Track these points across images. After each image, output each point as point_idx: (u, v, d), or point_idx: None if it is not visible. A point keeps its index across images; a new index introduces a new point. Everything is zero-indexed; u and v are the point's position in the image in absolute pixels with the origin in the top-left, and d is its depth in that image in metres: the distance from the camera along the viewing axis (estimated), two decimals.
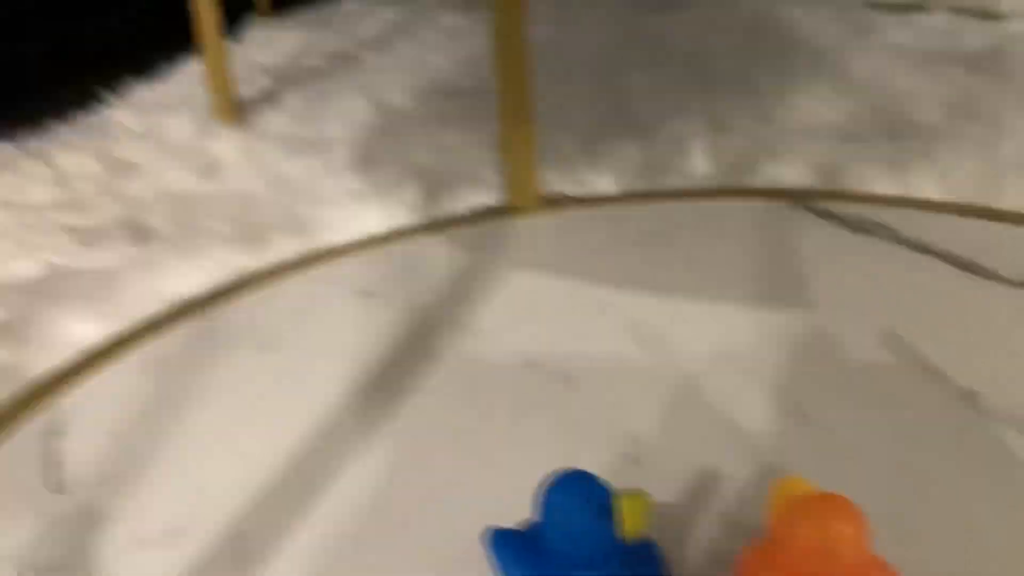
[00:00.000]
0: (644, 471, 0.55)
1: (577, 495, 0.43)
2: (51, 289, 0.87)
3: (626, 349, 0.67)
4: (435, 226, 0.90)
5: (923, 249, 0.75)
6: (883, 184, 0.88)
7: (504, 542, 0.46)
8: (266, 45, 1.54)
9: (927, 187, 0.86)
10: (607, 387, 0.63)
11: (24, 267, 0.93)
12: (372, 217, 0.95)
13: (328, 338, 0.73)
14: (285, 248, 0.92)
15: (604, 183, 0.99)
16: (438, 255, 0.84)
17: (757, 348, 0.66)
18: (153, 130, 1.27)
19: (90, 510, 0.57)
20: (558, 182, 0.99)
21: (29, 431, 0.65)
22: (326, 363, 0.69)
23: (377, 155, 1.09)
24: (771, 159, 0.96)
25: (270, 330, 0.74)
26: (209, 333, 0.75)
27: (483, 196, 0.97)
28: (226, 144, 1.18)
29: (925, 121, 1.02)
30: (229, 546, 0.53)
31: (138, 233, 0.99)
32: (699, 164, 0.99)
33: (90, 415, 0.66)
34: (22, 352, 0.77)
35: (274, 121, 1.25)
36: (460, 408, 0.63)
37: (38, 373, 0.74)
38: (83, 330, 0.80)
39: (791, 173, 0.94)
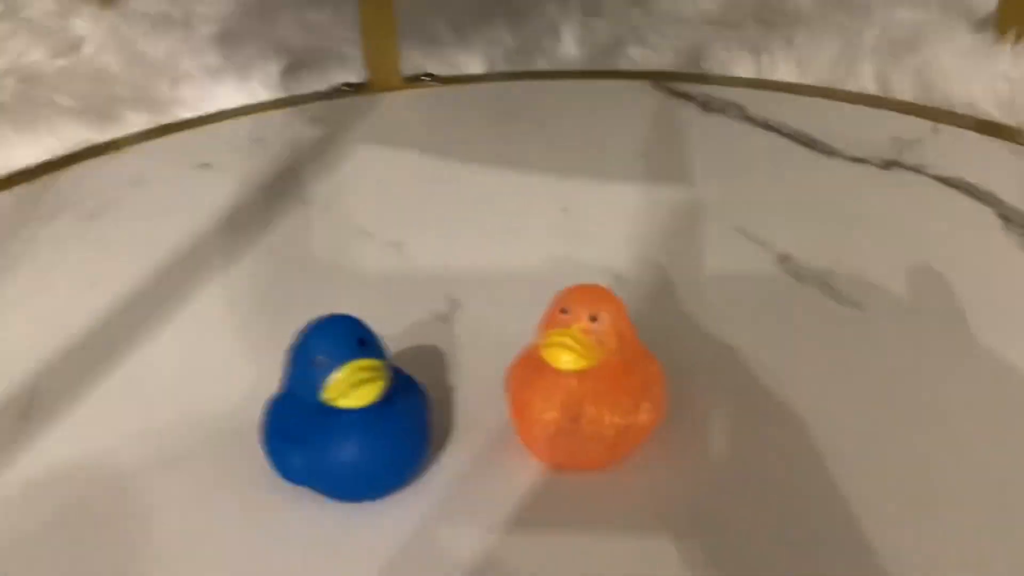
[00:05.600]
0: (452, 327, 0.56)
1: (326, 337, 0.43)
2: None
3: (462, 216, 0.67)
4: (288, 101, 0.87)
5: (769, 127, 0.76)
6: (743, 68, 0.87)
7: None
8: None
9: (785, 71, 0.86)
10: (435, 251, 0.63)
11: None
12: (228, 94, 0.92)
13: (155, 208, 0.71)
14: (133, 124, 0.88)
15: (472, 64, 0.97)
16: (286, 129, 0.81)
17: (594, 214, 0.66)
18: (12, 3, 1.21)
19: None
20: (424, 62, 0.96)
21: None
22: (149, 233, 0.67)
23: (241, 33, 1.06)
24: (639, 44, 0.95)
25: (98, 200, 0.72)
26: (34, 202, 0.72)
27: (346, 75, 0.94)
28: (89, 22, 1.13)
29: (794, 9, 1.01)
30: (17, 403, 0.52)
31: None
32: (569, 48, 0.98)
33: None
34: None
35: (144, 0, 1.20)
36: (282, 279, 0.62)
37: None
38: None
39: (656, 57, 0.93)
